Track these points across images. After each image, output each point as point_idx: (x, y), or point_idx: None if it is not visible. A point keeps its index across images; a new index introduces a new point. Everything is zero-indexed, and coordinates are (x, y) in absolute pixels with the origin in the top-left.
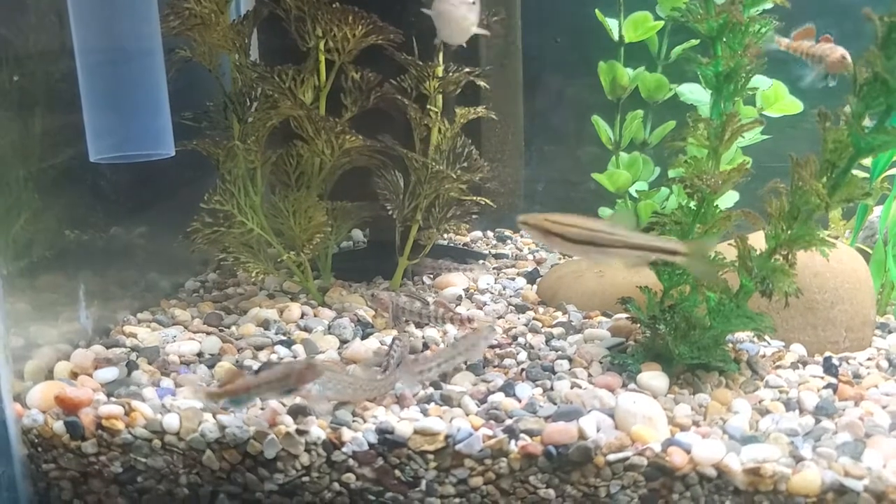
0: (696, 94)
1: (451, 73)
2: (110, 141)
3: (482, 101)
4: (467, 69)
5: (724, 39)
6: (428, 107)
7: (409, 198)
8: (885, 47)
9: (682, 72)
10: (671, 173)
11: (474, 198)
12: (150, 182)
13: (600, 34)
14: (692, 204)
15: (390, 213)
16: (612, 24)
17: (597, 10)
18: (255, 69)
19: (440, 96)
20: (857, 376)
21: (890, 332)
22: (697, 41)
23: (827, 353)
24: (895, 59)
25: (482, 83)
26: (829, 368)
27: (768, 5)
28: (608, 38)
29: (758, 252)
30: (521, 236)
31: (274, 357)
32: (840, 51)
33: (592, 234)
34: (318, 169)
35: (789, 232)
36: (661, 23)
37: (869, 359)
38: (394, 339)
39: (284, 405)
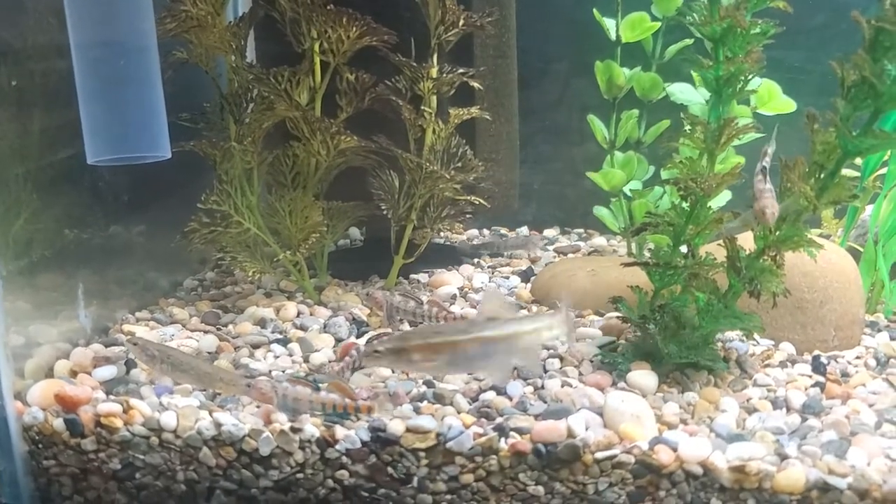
0: (686, 93)
1: (445, 74)
2: (107, 142)
3: (477, 101)
4: (461, 70)
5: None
6: (422, 107)
7: (404, 197)
8: (873, 51)
9: (676, 71)
10: (665, 174)
11: (469, 197)
12: (149, 182)
13: (596, 33)
14: (685, 205)
15: (385, 212)
16: (609, 24)
17: (595, 11)
18: (251, 71)
19: (434, 97)
20: (845, 375)
21: (879, 330)
22: (692, 40)
23: (816, 352)
24: (882, 62)
25: (476, 84)
26: (818, 367)
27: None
28: (602, 37)
29: (747, 252)
30: (517, 234)
31: (270, 356)
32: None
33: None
34: (314, 169)
35: (778, 233)
36: (658, 23)
37: (857, 357)
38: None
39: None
